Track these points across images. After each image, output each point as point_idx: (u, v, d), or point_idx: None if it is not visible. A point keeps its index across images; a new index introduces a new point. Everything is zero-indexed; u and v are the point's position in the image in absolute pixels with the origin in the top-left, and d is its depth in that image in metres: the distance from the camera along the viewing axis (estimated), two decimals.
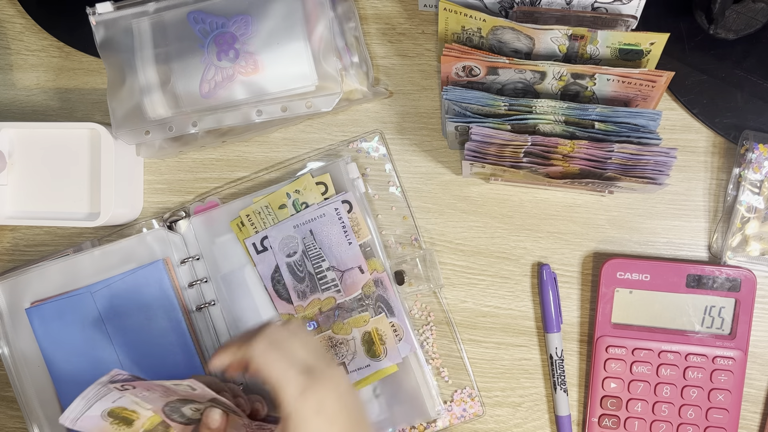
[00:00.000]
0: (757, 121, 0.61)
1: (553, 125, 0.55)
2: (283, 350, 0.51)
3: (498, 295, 0.65)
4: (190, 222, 0.65)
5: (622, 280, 0.61)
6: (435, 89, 0.66)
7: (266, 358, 0.50)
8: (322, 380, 0.50)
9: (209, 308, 0.64)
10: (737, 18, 0.61)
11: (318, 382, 0.49)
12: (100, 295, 0.63)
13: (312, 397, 0.49)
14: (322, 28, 0.60)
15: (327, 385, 0.50)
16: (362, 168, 0.66)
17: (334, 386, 0.50)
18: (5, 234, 0.70)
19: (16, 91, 0.70)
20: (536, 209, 0.64)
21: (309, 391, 0.49)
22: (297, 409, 0.48)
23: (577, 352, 0.64)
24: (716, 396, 0.60)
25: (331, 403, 0.49)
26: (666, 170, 0.54)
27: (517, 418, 0.65)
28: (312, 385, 0.49)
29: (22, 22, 0.70)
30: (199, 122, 0.61)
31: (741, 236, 0.61)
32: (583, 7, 0.55)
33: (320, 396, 0.49)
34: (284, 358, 0.50)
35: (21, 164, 0.67)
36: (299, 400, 0.48)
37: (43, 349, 0.63)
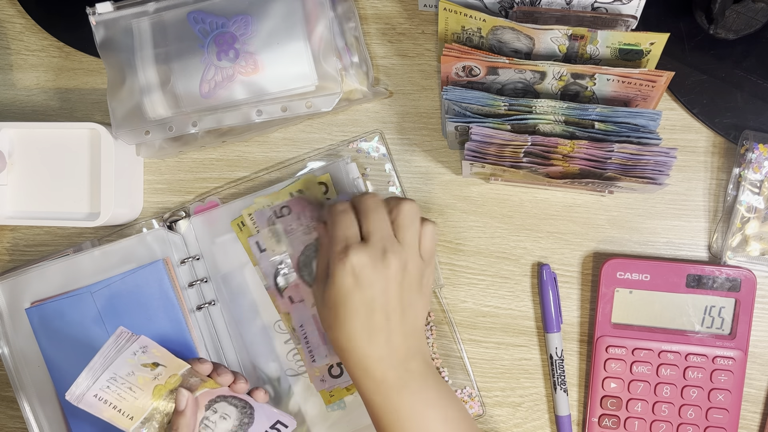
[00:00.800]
0: (757, 121, 0.61)
1: (553, 125, 0.55)
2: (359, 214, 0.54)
3: (498, 295, 0.65)
4: (190, 222, 0.65)
5: (622, 280, 0.61)
6: (435, 89, 0.66)
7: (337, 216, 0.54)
8: (372, 250, 0.52)
9: (209, 308, 0.64)
10: (737, 18, 0.61)
11: (369, 249, 0.52)
12: (100, 295, 0.63)
13: (351, 258, 0.51)
14: (322, 28, 0.60)
15: (377, 258, 0.51)
16: (362, 168, 0.66)
17: (388, 263, 0.52)
18: (5, 234, 0.70)
19: (16, 91, 0.70)
20: (536, 209, 0.64)
21: (353, 251, 0.51)
22: (335, 260, 0.52)
23: (577, 352, 0.64)
24: (716, 396, 0.60)
25: (369, 272, 0.51)
26: (666, 170, 0.54)
27: (517, 418, 0.65)
28: (360, 249, 0.51)
29: (22, 22, 0.70)
30: (199, 122, 0.61)
31: (741, 236, 0.61)
32: (583, 7, 0.55)
33: (359, 261, 0.51)
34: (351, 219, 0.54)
35: (21, 164, 0.67)
36: (341, 255, 0.52)
37: (43, 349, 0.63)
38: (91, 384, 0.52)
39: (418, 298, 0.54)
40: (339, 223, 0.54)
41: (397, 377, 0.52)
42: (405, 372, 0.52)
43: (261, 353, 0.64)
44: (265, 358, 0.64)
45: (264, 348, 0.64)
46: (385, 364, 0.52)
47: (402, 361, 0.52)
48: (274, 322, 0.64)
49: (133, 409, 0.53)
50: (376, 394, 0.52)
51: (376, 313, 0.52)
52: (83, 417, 0.62)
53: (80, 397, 0.52)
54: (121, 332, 0.55)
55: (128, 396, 0.53)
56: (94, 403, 0.52)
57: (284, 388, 0.64)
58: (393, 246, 0.52)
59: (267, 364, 0.64)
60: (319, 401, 0.63)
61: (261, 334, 0.64)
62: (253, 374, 0.64)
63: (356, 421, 0.63)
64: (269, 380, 0.64)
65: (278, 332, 0.64)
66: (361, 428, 0.63)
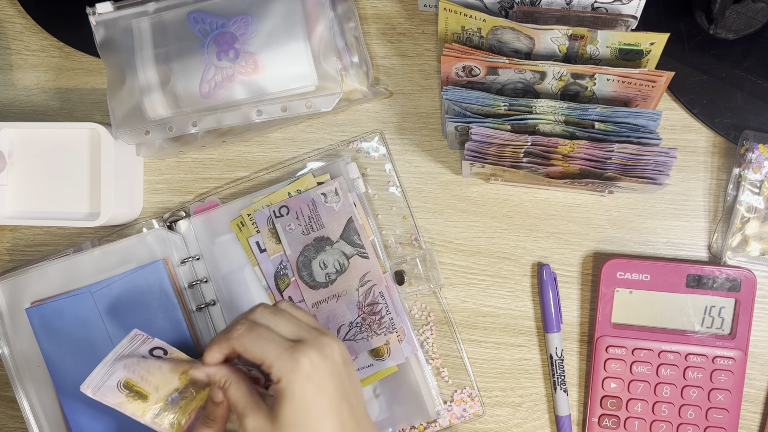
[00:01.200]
0: (757, 121, 0.61)
1: (553, 125, 0.55)
2: (267, 327, 0.50)
3: (498, 295, 0.65)
4: (190, 222, 0.65)
5: (622, 280, 0.61)
6: (435, 89, 0.66)
7: (247, 338, 0.49)
8: (313, 346, 0.48)
9: (209, 308, 0.64)
10: (737, 18, 0.61)
11: (309, 347, 0.48)
12: (100, 295, 0.63)
13: (301, 360, 0.47)
14: (322, 28, 0.60)
15: (319, 351, 0.48)
16: (362, 168, 0.66)
17: (328, 353, 0.49)
18: (5, 234, 0.70)
19: (16, 91, 0.70)
20: (536, 209, 0.64)
21: (298, 354, 0.48)
22: (287, 375, 0.47)
23: (577, 352, 0.64)
24: (716, 396, 0.60)
25: (321, 370, 0.48)
26: (666, 170, 0.54)
27: (517, 418, 0.65)
28: (302, 350, 0.48)
29: (22, 22, 0.70)
30: (199, 122, 0.61)
31: (741, 236, 0.61)
32: (583, 7, 0.55)
33: (309, 361, 0.47)
34: (266, 334, 0.49)
35: (21, 164, 0.67)
36: (288, 366, 0.47)
37: (43, 349, 0.63)
38: (110, 373, 0.52)
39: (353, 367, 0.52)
40: (261, 338, 0.49)
41: None
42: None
43: None
44: None
45: None
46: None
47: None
48: None
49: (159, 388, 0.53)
50: None
51: (342, 407, 0.48)
52: (83, 416, 0.62)
53: (98, 387, 0.51)
54: (136, 334, 0.55)
55: (153, 378, 0.53)
56: (112, 392, 0.52)
57: None
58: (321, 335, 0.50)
59: None
60: None
61: None
62: None
63: None
64: None
65: None
66: None
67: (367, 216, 0.63)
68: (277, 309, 0.52)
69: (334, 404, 0.48)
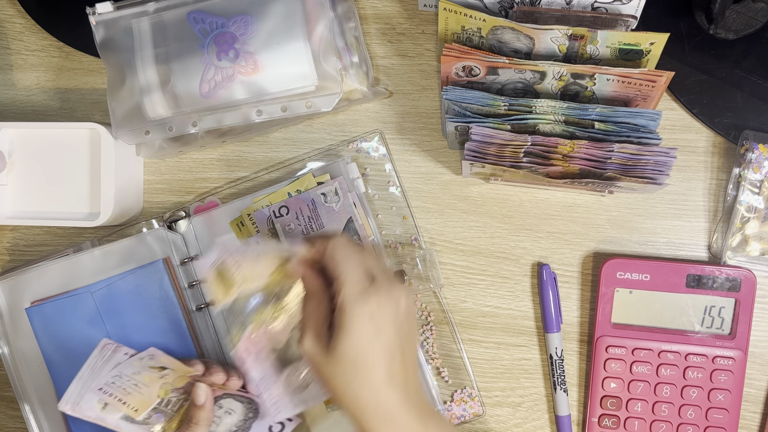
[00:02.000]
0: (757, 121, 0.61)
1: (553, 125, 0.55)
2: (354, 253, 0.51)
3: (498, 295, 0.65)
4: (190, 222, 0.65)
5: (622, 280, 0.61)
6: (435, 89, 0.66)
7: (342, 250, 0.50)
8: (384, 291, 0.49)
9: (209, 308, 0.64)
10: (737, 18, 0.61)
11: (380, 290, 0.49)
12: (100, 295, 0.63)
13: (369, 301, 0.48)
14: (322, 28, 0.60)
15: (388, 297, 0.49)
16: (362, 168, 0.66)
17: (394, 301, 0.49)
18: (5, 234, 0.70)
19: (16, 91, 0.70)
20: (536, 209, 0.64)
21: (369, 294, 0.48)
22: (353, 307, 0.48)
23: (577, 352, 0.64)
24: (716, 396, 0.60)
25: (385, 315, 0.49)
26: (666, 170, 0.54)
27: (517, 418, 0.65)
28: (374, 291, 0.49)
29: (22, 22, 0.70)
30: (199, 122, 0.61)
31: (741, 236, 0.61)
32: (583, 7, 0.55)
33: (377, 304, 0.48)
34: (357, 256, 0.50)
35: (21, 164, 0.67)
36: (358, 300, 0.48)
37: (43, 348, 0.63)
38: (83, 390, 0.52)
39: (415, 325, 0.52)
40: (351, 260, 0.50)
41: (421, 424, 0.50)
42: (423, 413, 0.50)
43: None
44: None
45: None
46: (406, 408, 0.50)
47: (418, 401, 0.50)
48: None
49: (139, 403, 0.53)
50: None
51: (396, 354, 0.49)
52: None
53: (75, 404, 0.51)
54: (105, 343, 0.55)
55: (134, 392, 0.53)
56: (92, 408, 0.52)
57: None
58: (393, 278, 0.51)
59: None
60: None
61: None
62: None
63: None
64: None
65: None
66: None
67: (367, 216, 0.63)
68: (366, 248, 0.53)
69: (387, 350, 0.49)
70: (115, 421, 0.52)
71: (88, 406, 0.52)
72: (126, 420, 0.52)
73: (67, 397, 0.51)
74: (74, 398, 0.51)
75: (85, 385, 0.51)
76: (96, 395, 0.52)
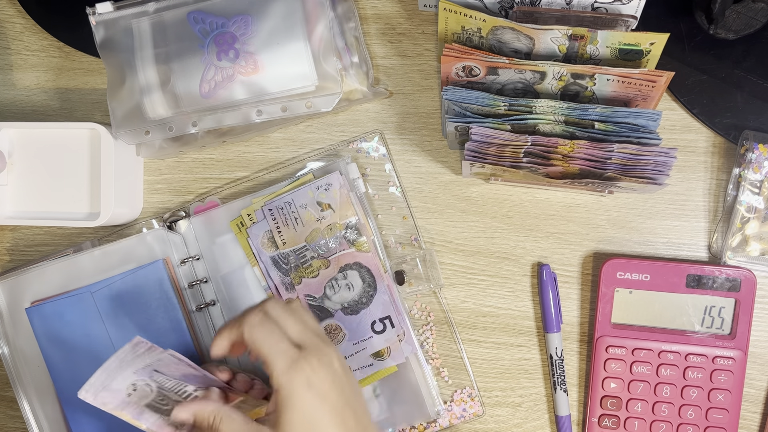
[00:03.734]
0: (757, 121, 0.61)
1: (553, 125, 0.55)
2: (277, 324, 0.50)
3: (498, 295, 0.65)
4: (190, 222, 0.65)
5: (622, 280, 0.61)
6: (435, 89, 0.66)
7: (259, 330, 0.49)
8: (314, 355, 0.48)
9: (209, 308, 0.64)
10: (737, 18, 0.61)
11: (310, 356, 0.48)
12: (100, 295, 0.63)
13: (303, 370, 0.47)
14: (322, 28, 0.60)
15: (320, 360, 0.48)
16: (362, 168, 0.66)
17: (327, 363, 0.49)
18: (5, 234, 0.70)
19: (16, 91, 0.70)
20: (536, 209, 0.64)
21: (300, 363, 0.47)
22: (287, 381, 0.47)
23: (577, 352, 0.64)
24: (716, 396, 0.60)
25: (322, 379, 0.48)
26: (666, 170, 0.54)
27: (517, 418, 0.65)
28: (304, 358, 0.48)
29: (22, 22, 0.70)
30: (199, 122, 0.61)
31: (741, 236, 0.61)
32: (583, 7, 0.55)
33: (311, 370, 0.47)
34: (277, 331, 0.49)
35: (21, 164, 0.67)
36: (289, 372, 0.47)
37: (43, 348, 0.63)
38: (107, 381, 0.51)
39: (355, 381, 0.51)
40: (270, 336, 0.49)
41: None
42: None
43: None
44: None
45: None
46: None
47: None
48: None
49: None
50: None
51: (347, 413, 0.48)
52: (83, 417, 0.62)
53: (97, 393, 0.51)
54: (139, 341, 0.54)
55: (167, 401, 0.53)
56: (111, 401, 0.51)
57: None
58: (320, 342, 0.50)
59: None
60: None
61: None
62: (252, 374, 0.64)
63: None
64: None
65: None
66: None
67: (367, 216, 0.63)
68: (288, 307, 0.52)
69: (337, 413, 0.48)
70: (136, 411, 0.52)
71: (111, 394, 0.51)
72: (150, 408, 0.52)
73: (89, 385, 0.51)
74: (96, 388, 0.51)
75: (110, 376, 0.51)
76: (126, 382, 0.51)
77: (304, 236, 0.62)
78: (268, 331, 0.49)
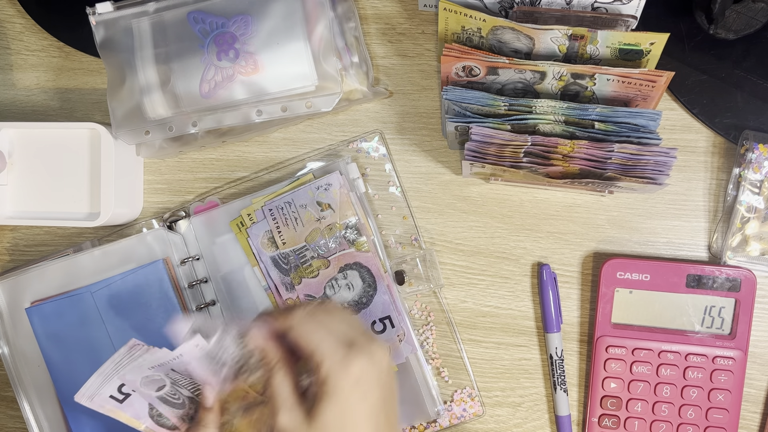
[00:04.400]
0: (757, 121, 0.61)
1: (553, 125, 0.55)
2: (323, 322, 0.50)
3: (498, 295, 0.65)
4: (190, 222, 0.65)
5: (622, 280, 0.61)
6: (435, 89, 0.66)
7: (309, 324, 0.49)
8: (365, 353, 0.48)
9: (209, 308, 0.64)
10: (737, 18, 0.61)
11: (361, 354, 0.48)
12: (100, 295, 0.63)
13: (353, 367, 0.47)
14: (322, 28, 0.60)
15: (370, 359, 0.48)
16: (362, 168, 0.66)
17: (377, 361, 0.48)
18: (5, 234, 0.70)
19: (16, 91, 0.70)
20: (536, 209, 0.64)
21: (350, 360, 0.47)
22: (335, 374, 0.47)
23: (577, 352, 0.64)
24: (716, 396, 0.60)
25: (369, 377, 0.47)
26: (666, 170, 0.54)
27: (517, 418, 0.65)
28: (355, 356, 0.47)
29: (22, 22, 0.70)
30: (199, 122, 0.61)
31: (741, 236, 0.61)
32: (583, 7, 0.55)
33: (360, 368, 0.47)
34: (324, 328, 0.49)
35: (21, 164, 0.67)
36: (341, 368, 0.47)
37: (43, 348, 0.63)
38: (104, 384, 0.51)
39: (395, 383, 0.51)
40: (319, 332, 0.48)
41: None
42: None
43: None
44: None
45: None
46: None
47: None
48: None
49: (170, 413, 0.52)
50: None
51: (381, 416, 0.48)
52: (83, 417, 0.62)
53: (93, 397, 0.51)
54: (135, 343, 0.54)
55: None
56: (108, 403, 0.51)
57: None
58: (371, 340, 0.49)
59: None
60: None
61: None
62: None
63: None
64: None
65: None
66: None
67: (367, 216, 0.63)
68: (328, 308, 0.52)
69: (374, 413, 0.48)
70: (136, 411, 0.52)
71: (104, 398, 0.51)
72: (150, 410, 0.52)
73: (85, 389, 0.51)
74: (92, 392, 0.51)
75: (106, 380, 0.51)
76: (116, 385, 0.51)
77: (304, 236, 0.62)
78: (318, 325, 0.49)
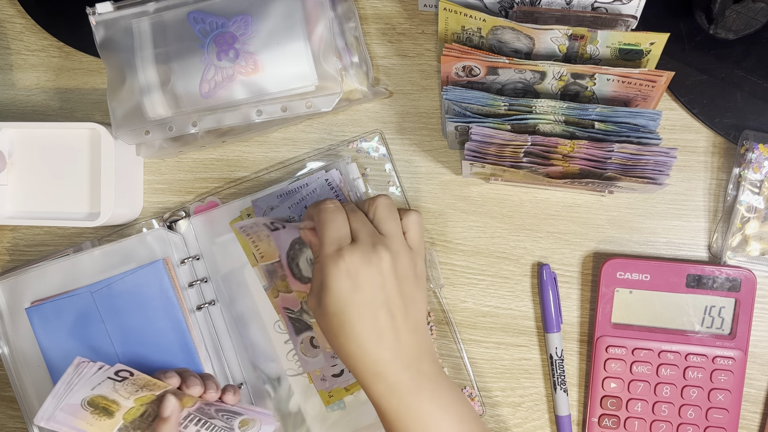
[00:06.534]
0: (757, 121, 0.61)
1: (553, 125, 0.55)
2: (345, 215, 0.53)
3: (498, 295, 0.65)
4: (190, 222, 0.65)
5: (622, 280, 0.61)
6: (435, 89, 0.66)
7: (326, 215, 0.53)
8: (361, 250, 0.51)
9: (209, 308, 0.64)
10: (737, 18, 0.61)
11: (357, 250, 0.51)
12: (100, 295, 0.63)
13: (344, 259, 0.50)
14: (322, 28, 0.60)
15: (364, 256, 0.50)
16: (362, 168, 0.66)
17: (375, 262, 0.50)
18: (5, 234, 0.70)
19: (16, 91, 0.70)
20: (536, 209, 0.64)
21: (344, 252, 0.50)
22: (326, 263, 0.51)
23: (577, 352, 0.64)
24: (716, 396, 0.60)
25: (362, 273, 0.50)
26: (666, 170, 0.54)
27: (517, 418, 0.65)
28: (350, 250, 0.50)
29: (22, 22, 0.70)
30: (199, 122, 0.61)
31: (741, 236, 0.61)
32: (583, 7, 0.55)
33: (352, 262, 0.50)
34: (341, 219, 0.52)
35: (21, 164, 0.67)
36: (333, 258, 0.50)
37: (43, 348, 0.63)
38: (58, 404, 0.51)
39: (415, 289, 0.53)
40: (330, 222, 0.52)
41: (411, 380, 0.51)
42: (418, 374, 0.51)
43: (261, 353, 0.64)
44: (264, 358, 0.64)
45: (264, 348, 0.64)
46: (398, 366, 0.51)
47: (414, 361, 0.51)
48: (273, 322, 0.64)
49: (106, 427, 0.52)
50: (389, 398, 0.51)
51: (380, 312, 0.50)
52: None
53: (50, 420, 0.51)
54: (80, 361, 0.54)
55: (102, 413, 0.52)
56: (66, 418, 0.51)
57: (284, 388, 0.64)
58: (380, 239, 0.52)
59: (267, 364, 0.64)
60: (319, 401, 0.63)
61: (261, 334, 0.64)
62: (252, 374, 0.64)
63: (356, 422, 0.63)
64: (269, 380, 0.64)
65: (278, 332, 0.64)
66: (360, 428, 0.63)
67: None
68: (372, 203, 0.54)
69: (368, 307, 0.50)
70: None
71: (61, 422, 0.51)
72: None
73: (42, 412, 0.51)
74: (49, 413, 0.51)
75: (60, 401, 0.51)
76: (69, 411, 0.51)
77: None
78: (333, 215, 0.52)
